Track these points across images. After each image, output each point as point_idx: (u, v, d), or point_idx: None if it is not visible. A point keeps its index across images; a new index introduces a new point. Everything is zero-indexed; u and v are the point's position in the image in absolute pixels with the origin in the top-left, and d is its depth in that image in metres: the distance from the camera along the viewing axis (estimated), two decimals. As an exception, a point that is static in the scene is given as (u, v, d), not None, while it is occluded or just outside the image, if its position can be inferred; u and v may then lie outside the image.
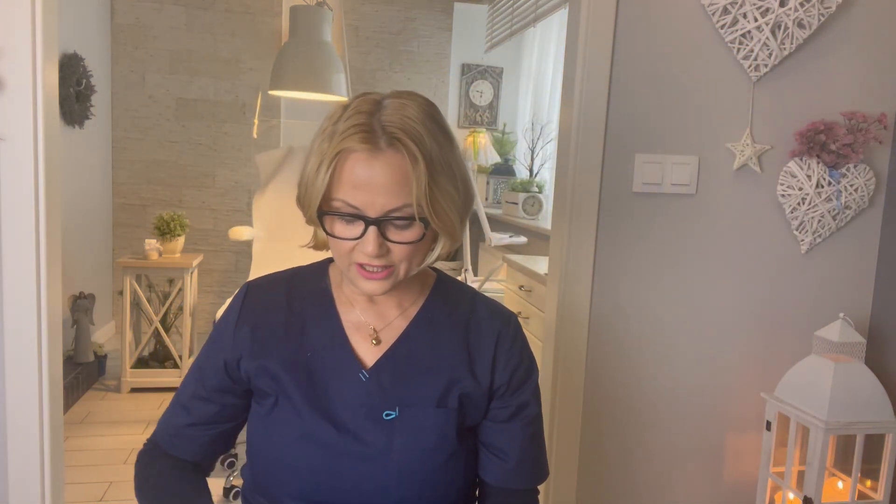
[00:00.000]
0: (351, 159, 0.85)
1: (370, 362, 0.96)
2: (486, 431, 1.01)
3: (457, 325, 1.00)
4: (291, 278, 1.03)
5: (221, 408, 1.01)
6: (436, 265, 1.02)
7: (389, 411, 0.94)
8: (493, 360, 0.99)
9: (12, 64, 1.50)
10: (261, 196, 3.60)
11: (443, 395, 0.96)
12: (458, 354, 0.98)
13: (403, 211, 0.86)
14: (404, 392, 0.95)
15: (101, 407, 3.28)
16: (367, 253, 0.86)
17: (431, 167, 0.86)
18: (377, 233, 0.86)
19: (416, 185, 0.84)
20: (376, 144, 0.84)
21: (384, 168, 0.84)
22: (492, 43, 4.67)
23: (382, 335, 0.98)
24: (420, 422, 0.94)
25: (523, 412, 1.02)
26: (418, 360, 0.97)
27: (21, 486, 1.61)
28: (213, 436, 1.02)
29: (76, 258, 3.77)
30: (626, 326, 1.80)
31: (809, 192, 1.77)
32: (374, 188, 0.84)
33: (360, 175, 0.85)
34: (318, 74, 3.77)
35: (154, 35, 4.35)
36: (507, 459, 1.01)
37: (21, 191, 1.53)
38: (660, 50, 1.72)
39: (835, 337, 1.71)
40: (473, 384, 0.97)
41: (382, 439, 0.93)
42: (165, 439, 1.04)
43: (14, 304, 1.56)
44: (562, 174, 1.79)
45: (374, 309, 0.99)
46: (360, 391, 0.95)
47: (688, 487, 1.89)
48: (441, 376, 0.96)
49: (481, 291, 3.23)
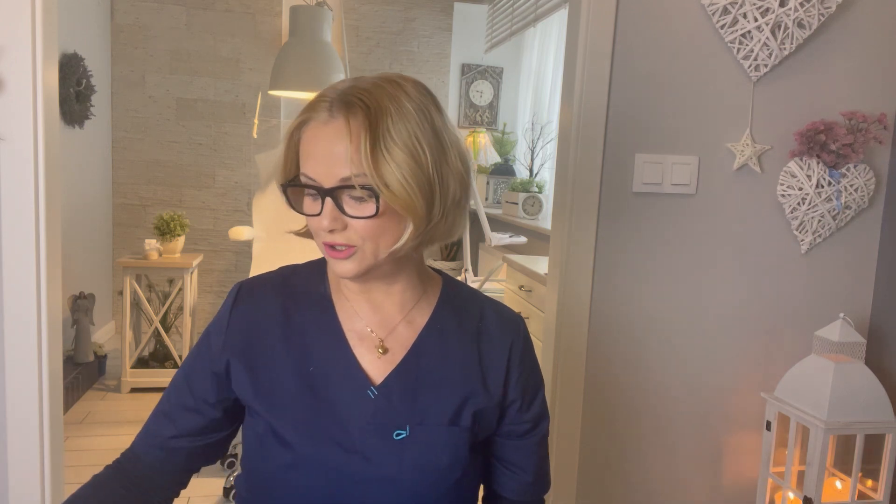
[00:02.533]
0: (306, 131, 0.84)
1: (377, 377, 0.91)
2: (503, 447, 0.99)
3: (467, 335, 0.95)
4: (287, 280, 0.97)
5: (209, 419, 0.94)
6: (436, 266, 1.00)
7: (400, 430, 0.89)
8: (506, 372, 0.95)
9: (12, 64, 1.50)
10: (261, 196, 3.60)
11: (456, 413, 0.91)
12: (470, 367, 0.93)
13: (354, 180, 0.80)
14: (415, 410, 0.90)
15: (101, 407, 3.28)
16: (322, 228, 0.83)
17: (378, 132, 0.80)
18: (332, 205, 0.82)
19: (361, 150, 0.79)
20: (329, 112, 0.82)
21: (333, 135, 0.81)
22: (492, 43, 4.67)
23: (388, 344, 0.92)
24: (432, 441, 0.89)
25: (538, 427, 0.99)
26: (429, 375, 0.92)
27: (21, 486, 1.61)
28: (199, 448, 0.95)
29: (76, 258, 3.77)
30: (626, 326, 1.80)
31: (809, 192, 1.77)
32: (326, 157, 0.81)
33: (314, 145, 0.83)
34: (318, 74, 3.77)
35: (154, 35, 4.35)
36: (525, 473, 0.99)
37: (21, 191, 1.53)
38: (660, 50, 1.72)
39: (835, 337, 1.71)
40: (486, 398, 0.93)
41: (392, 460, 0.88)
42: (148, 451, 0.95)
43: (14, 304, 1.56)
44: (562, 174, 1.79)
45: (377, 316, 0.93)
46: (369, 409, 0.89)
47: (688, 487, 1.89)
48: (453, 392, 0.91)
49: (481, 291, 3.23)
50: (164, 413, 0.96)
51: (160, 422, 0.96)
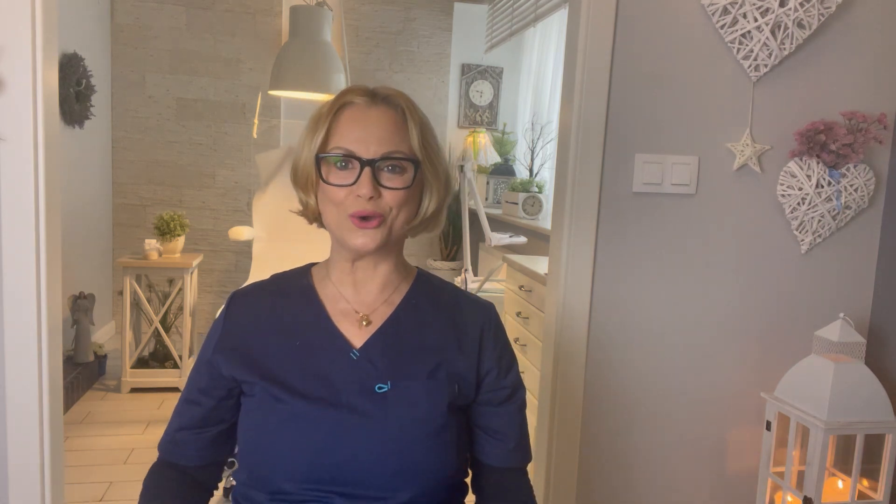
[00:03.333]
0: (348, 111, 0.96)
1: (358, 342, 1.00)
2: (483, 415, 1.05)
3: (442, 310, 1.05)
4: (275, 283, 1.07)
5: (208, 409, 1.03)
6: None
7: (381, 384, 0.97)
8: (479, 346, 1.03)
9: (12, 64, 1.50)
10: (261, 196, 3.60)
11: (433, 371, 0.99)
12: (445, 336, 1.02)
13: (396, 152, 0.94)
14: (395, 368, 0.98)
15: (101, 407, 3.28)
16: (362, 195, 0.92)
17: (423, 126, 0.98)
18: (371, 174, 0.93)
19: (411, 130, 0.96)
20: (373, 99, 0.97)
21: (380, 117, 0.95)
22: (492, 43, 4.67)
23: (371, 318, 1.01)
24: (412, 393, 0.97)
25: (517, 394, 1.07)
26: (407, 340, 1.01)
27: (21, 486, 1.61)
28: (205, 440, 1.04)
29: (76, 258, 3.77)
30: (626, 326, 1.80)
31: (809, 192, 1.77)
32: (369, 134, 0.94)
33: (356, 122, 0.95)
34: (318, 74, 3.78)
35: (154, 35, 4.35)
36: (508, 440, 1.06)
37: (21, 191, 1.53)
38: (660, 50, 1.72)
39: (835, 337, 1.71)
40: (464, 364, 1.02)
41: (377, 411, 0.95)
42: (163, 446, 1.06)
43: (14, 304, 1.56)
44: (562, 174, 1.79)
45: (360, 296, 1.02)
46: (352, 369, 0.98)
47: (688, 487, 1.89)
48: (430, 355, 1.00)
49: (481, 291, 3.24)
50: (176, 410, 1.06)
51: (172, 418, 1.07)
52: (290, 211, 1.07)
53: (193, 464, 1.05)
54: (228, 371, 1.00)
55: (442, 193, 1.02)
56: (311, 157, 0.96)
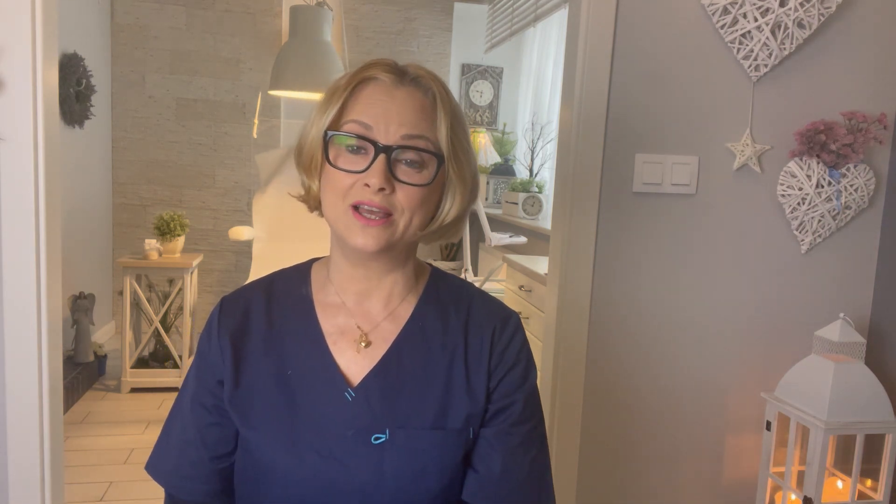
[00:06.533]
0: (370, 87, 0.82)
1: (355, 377, 0.85)
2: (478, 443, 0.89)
3: (452, 334, 0.89)
4: (271, 285, 0.93)
5: (225, 429, 0.90)
6: (436, 266, 0.98)
7: (379, 434, 0.82)
8: (488, 369, 0.88)
9: (12, 64, 1.50)
10: (261, 196, 3.60)
11: (438, 415, 0.84)
12: (454, 366, 0.87)
13: (419, 142, 0.79)
14: (395, 412, 0.84)
15: (101, 407, 3.28)
16: (372, 185, 0.78)
17: (454, 118, 0.82)
18: (385, 162, 0.78)
19: (440, 119, 0.80)
20: (401, 78, 0.82)
21: (405, 98, 0.80)
22: (492, 43, 4.67)
23: (371, 337, 0.87)
24: (414, 445, 0.83)
25: (519, 428, 0.88)
26: (410, 374, 0.86)
27: (21, 486, 1.61)
28: (220, 470, 0.92)
29: (76, 258, 3.77)
30: (626, 326, 1.80)
31: (809, 192, 1.76)
32: (391, 114, 0.79)
33: (377, 101, 0.80)
34: (318, 74, 3.77)
35: (154, 35, 4.35)
36: (485, 471, 0.87)
37: (21, 191, 1.53)
38: (660, 50, 1.72)
39: (835, 337, 1.71)
40: (470, 402, 0.86)
41: (371, 466, 0.82)
42: (171, 483, 0.92)
43: (14, 304, 1.56)
44: (562, 174, 1.79)
45: (362, 307, 0.89)
46: (346, 413, 0.84)
47: (688, 487, 1.89)
48: (435, 394, 0.85)
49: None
50: (178, 447, 0.93)
51: (182, 451, 0.93)
52: (290, 195, 0.94)
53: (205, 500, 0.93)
54: (227, 391, 0.89)
55: (466, 199, 0.86)
56: (320, 135, 0.82)
